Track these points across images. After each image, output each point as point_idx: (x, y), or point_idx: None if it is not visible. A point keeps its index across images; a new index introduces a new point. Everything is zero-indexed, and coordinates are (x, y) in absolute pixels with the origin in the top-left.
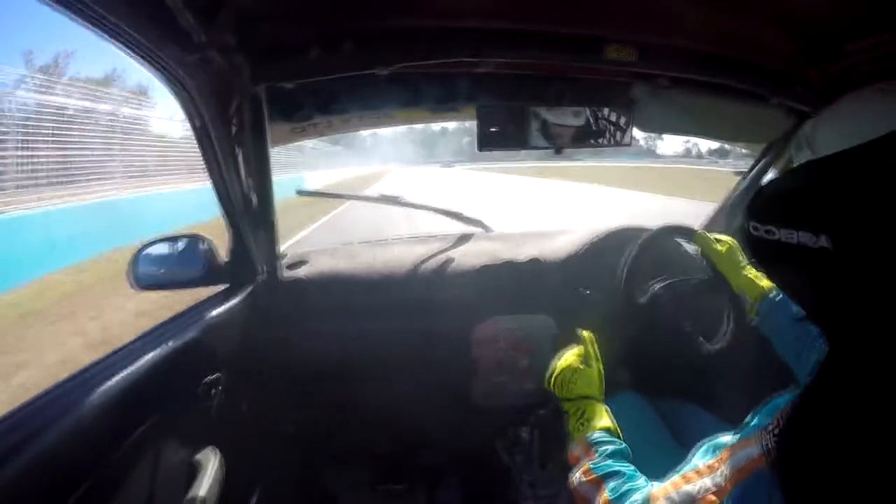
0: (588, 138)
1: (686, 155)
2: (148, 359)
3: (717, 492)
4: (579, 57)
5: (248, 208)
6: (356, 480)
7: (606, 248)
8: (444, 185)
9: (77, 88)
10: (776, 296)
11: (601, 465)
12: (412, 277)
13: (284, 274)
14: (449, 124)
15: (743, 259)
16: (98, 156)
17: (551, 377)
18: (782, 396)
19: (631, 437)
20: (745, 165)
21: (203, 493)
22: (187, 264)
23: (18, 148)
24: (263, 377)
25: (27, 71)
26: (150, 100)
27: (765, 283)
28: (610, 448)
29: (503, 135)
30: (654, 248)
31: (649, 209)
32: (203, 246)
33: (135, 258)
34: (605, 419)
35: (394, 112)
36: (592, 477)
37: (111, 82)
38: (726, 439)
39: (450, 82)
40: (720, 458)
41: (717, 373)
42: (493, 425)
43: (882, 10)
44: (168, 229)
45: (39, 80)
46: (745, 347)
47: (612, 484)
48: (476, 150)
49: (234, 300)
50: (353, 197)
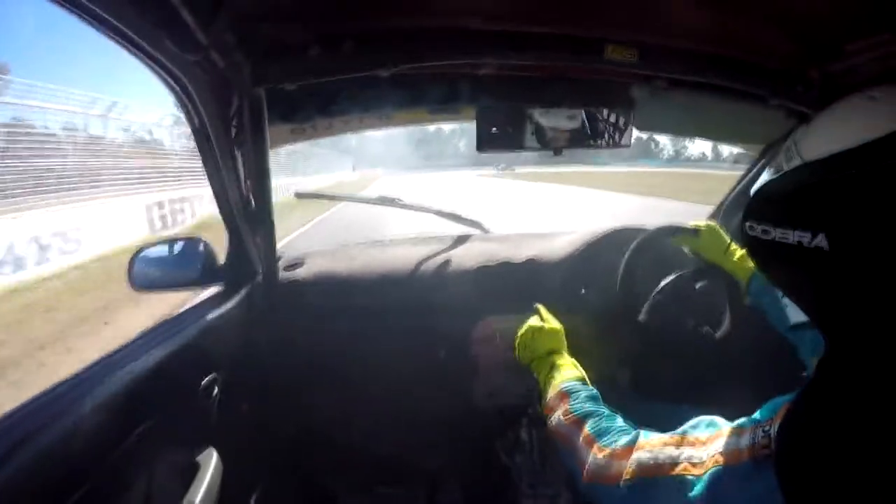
0: (587, 139)
1: (716, 159)
2: (146, 360)
3: (696, 465)
4: (579, 58)
5: (247, 209)
6: (355, 481)
7: (604, 249)
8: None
9: None
10: (760, 277)
11: (578, 405)
12: (410, 278)
13: (282, 275)
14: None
15: (726, 240)
16: None
17: (516, 346)
18: (782, 396)
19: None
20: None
21: (202, 494)
22: (185, 266)
23: None
24: (261, 378)
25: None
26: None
27: (751, 266)
28: (584, 392)
29: (503, 136)
30: (649, 247)
31: None
32: (201, 247)
33: (133, 260)
34: (574, 369)
35: (394, 113)
36: (571, 417)
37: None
38: (722, 423)
39: (450, 84)
40: (711, 436)
41: (720, 371)
42: (492, 426)
43: (882, 10)
44: None
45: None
46: (745, 345)
47: (591, 421)
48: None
49: (232, 301)
50: (350, 199)
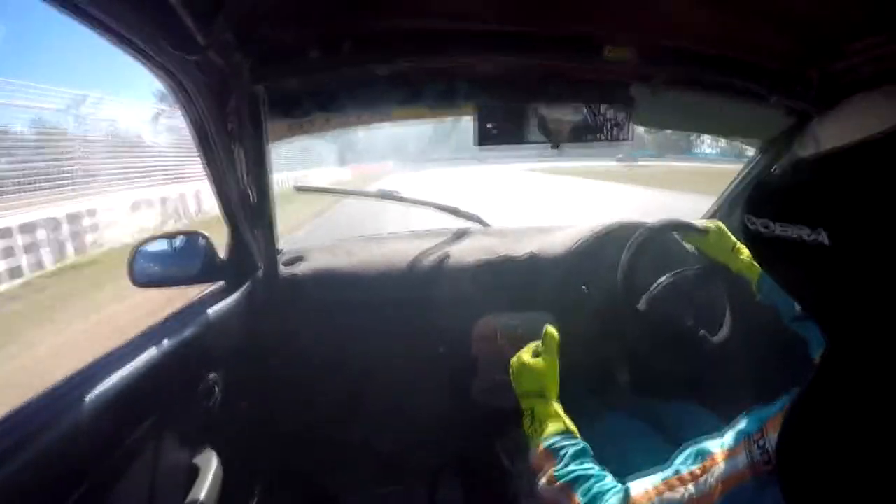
0: (587, 134)
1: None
2: (146, 358)
3: (702, 499)
4: (578, 57)
5: (247, 205)
6: (355, 480)
7: (606, 244)
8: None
9: None
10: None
11: (564, 470)
12: (410, 273)
13: (282, 271)
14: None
15: (732, 240)
16: None
17: (511, 376)
18: (772, 405)
19: (627, 444)
20: None
21: (203, 492)
22: (186, 261)
23: None
24: (262, 375)
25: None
26: None
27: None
28: (570, 449)
29: (501, 131)
30: (651, 244)
31: None
32: (201, 243)
33: (133, 255)
34: (556, 421)
35: (393, 110)
36: (558, 484)
37: None
38: (711, 445)
39: (448, 81)
40: (704, 466)
41: (718, 371)
42: (492, 425)
43: (881, 10)
44: None
45: None
46: (746, 344)
47: (581, 488)
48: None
49: (233, 297)
50: (350, 193)
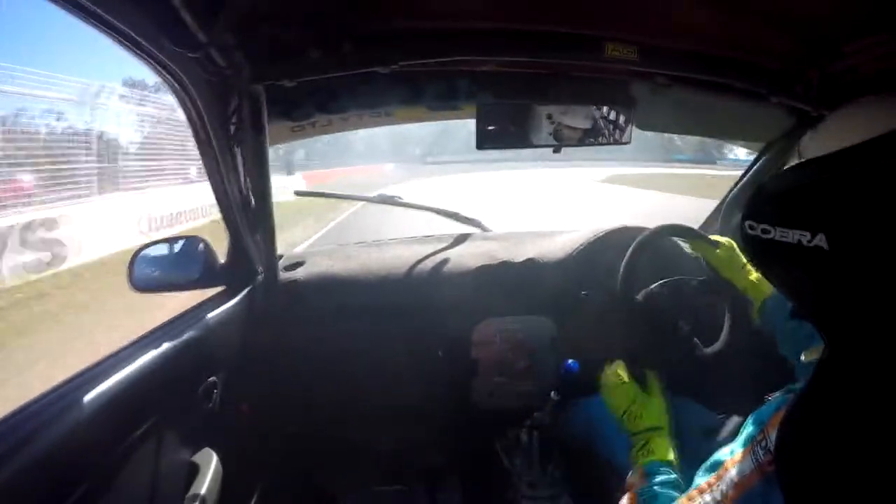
0: (588, 136)
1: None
2: (147, 361)
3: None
4: (579, 56)
5: (247, 209)
6: (355, 481)
7: (605, 249)
8: None
9: None
10: (777, 297)
11: (646, 490)
12: (410, 278)
13: (282, 275)
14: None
15: (742, 260)
16: None
17: (623, 415)
18: (769, 404)
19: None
20: None
21: (202, 493)
22: (185, 266)
23: None
24: (262, 378)
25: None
26: None
27: (767, 286)
28: (661, 477)
29: (502, 133)
30: (652, 247)
31: None
32: (201, 247)
33: (133, 260)
34: (667, 452)
35: (394, 110)
36: (637, 501)
37: None
38: (722, 454)
39: (450, 81)
40: (718, 475)
41: (717, 372)
42: (492, 426)
43: (881, 10)
44: None
45: None
46: (745, 348)
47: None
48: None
49: (232, 302)
50: (350, 197)
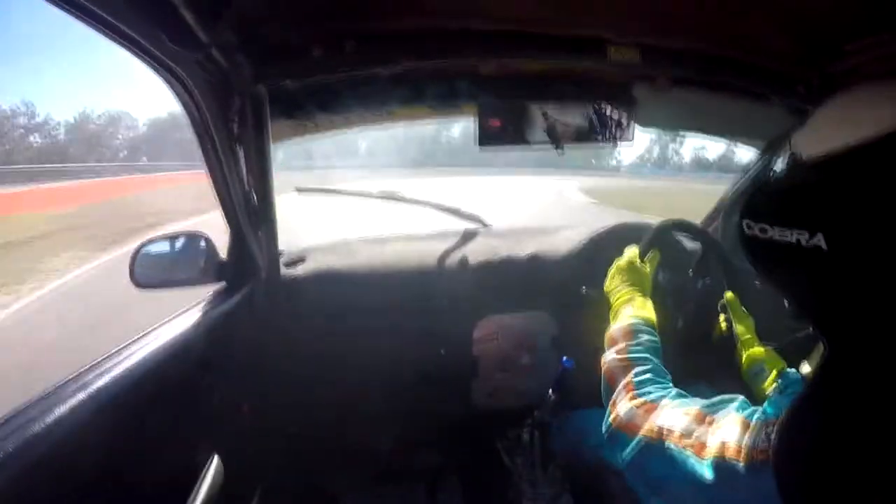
0: (589, 136)
1: None
2: (147, 359)
3: (703, 448)
4: (582, 58)
5: (249, 206)
6: (355, 480)
7: (606, 245)
8: None
9: None
10: (795, 373)
11: (635, 349)
12: (411, 275)
13: (284, 272)
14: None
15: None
16: None
17: (607, 275)
18: (785, 396)
19: None
20: None
21: (203, 493)
22: (187, 263)
23: None
24: (263, 376)
25: None
26: None
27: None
28: (645, 337)
29: (504, 132)
30: (657, 243)
31: None
32: (202, 244)
33: (134, 256)
34: (648, 311)
35: (395, 110)
36: (625, 358)
37: None
38: (734, 406)
39: (451, 81)
40: (723, 423)
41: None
42: (493, 425)
43: (882, 10)
44: None
45: None
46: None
47: (639, 369)
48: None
49: (234, 299)
50: (351, 193)
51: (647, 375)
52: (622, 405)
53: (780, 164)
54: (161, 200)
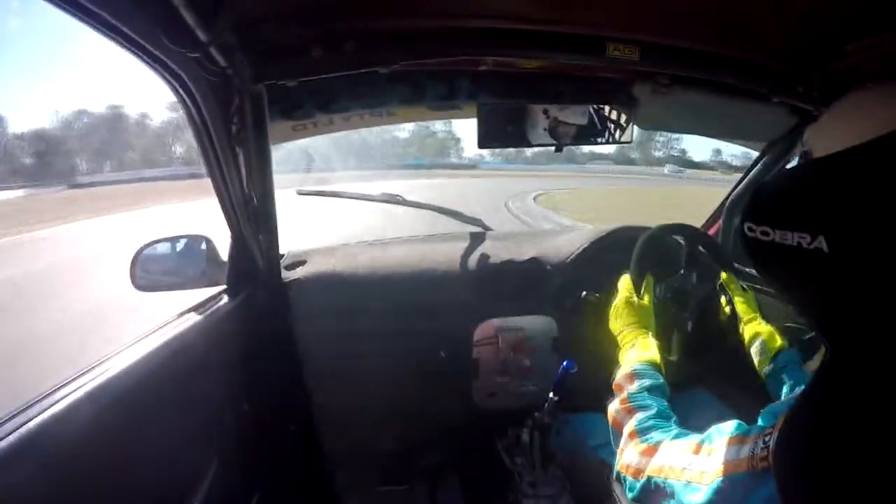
0: (589, 136)
1: None
2: (148, 360)
3: (704, 475)
4: (581, 56)
5: (249, 208)
6: (357, 481)
7: (606, 249)
8: None
9: None
10: (793, 352)
11: (637, 395)
12: (412, 277)
13: (284, 274)
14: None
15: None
16: None
17: (610, 315)
18: (784, 401)
19: None
20: None
21: (203, 493)
22: (188, 265)
23: None
24: (263, 377)
25: None
26: None
27: (780, 338)
28: (648, 381)
29: (504, 132)
30: (656, 245)
31: None
32: (203, 246)
33: (135, 259)
34: (650, 351)
35: (395, 109)
36: (627, 406)
37: None
38: (728, 429)
39: (451, 80)
40: (719, 447)
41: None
42: (494, 426)
43: (883, 9)
44: None
45: None
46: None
47: (642, 415)
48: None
49: (235, 300)
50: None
51: (650, 422)
52: (628, 452)
53: (781, 166)
54: None
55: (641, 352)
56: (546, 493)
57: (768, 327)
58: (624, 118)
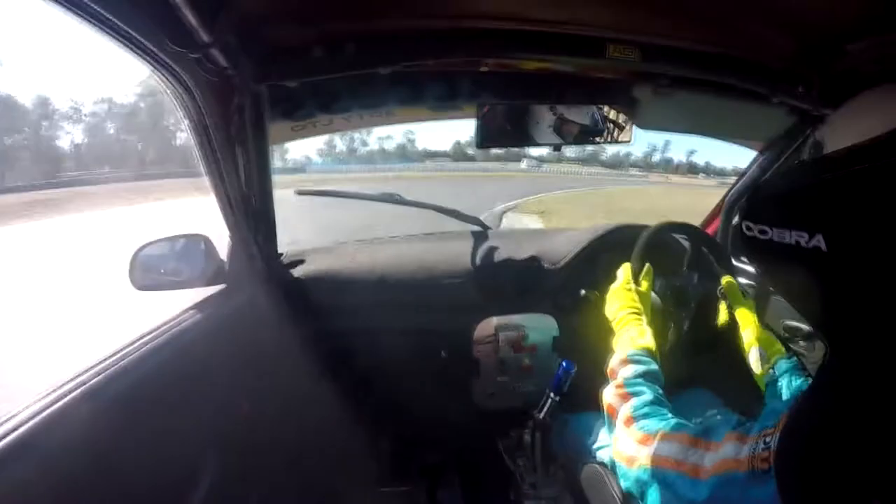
0: (587, 136)
1: None
2: (147, 360)
3: (701, 470)
4: (581, 57)
5: (248, 208)
6: (357, 480)
7: (605, 247)
8: None
9: None
10: (792, 358)
11: (632, 381)
12: (411, 276)
13: (283, 273)
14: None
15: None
16: None
17: (605, 301)
18: (785, 402)
19: None
20: None
21: (202, 493)
22: (187, 264)
23: None
24: (263, 376)
25: None
26: None
27: (779, 344)
28: (643, 367)
29: (503, 132)
30: (656, 243)
31: None
32: (202, 246)
33: (134, 258)
34: (645, 337)
35: (395, 110)
36: (623, 391)
37: None
38: (728, 425)
39: (451, 81)
40: (720, 443)
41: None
42: (494, 426)
43: (883, 10)
44: None
45: None
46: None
47: (637, 401)
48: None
49: (234, 300)
50: (352, 195)
51: (646, 409)
52: (622, 438)
53: (779, 166)
54: None
55: (637, 338)
56: (547, 494)
57: (767, 334)
58: (623, 118)
